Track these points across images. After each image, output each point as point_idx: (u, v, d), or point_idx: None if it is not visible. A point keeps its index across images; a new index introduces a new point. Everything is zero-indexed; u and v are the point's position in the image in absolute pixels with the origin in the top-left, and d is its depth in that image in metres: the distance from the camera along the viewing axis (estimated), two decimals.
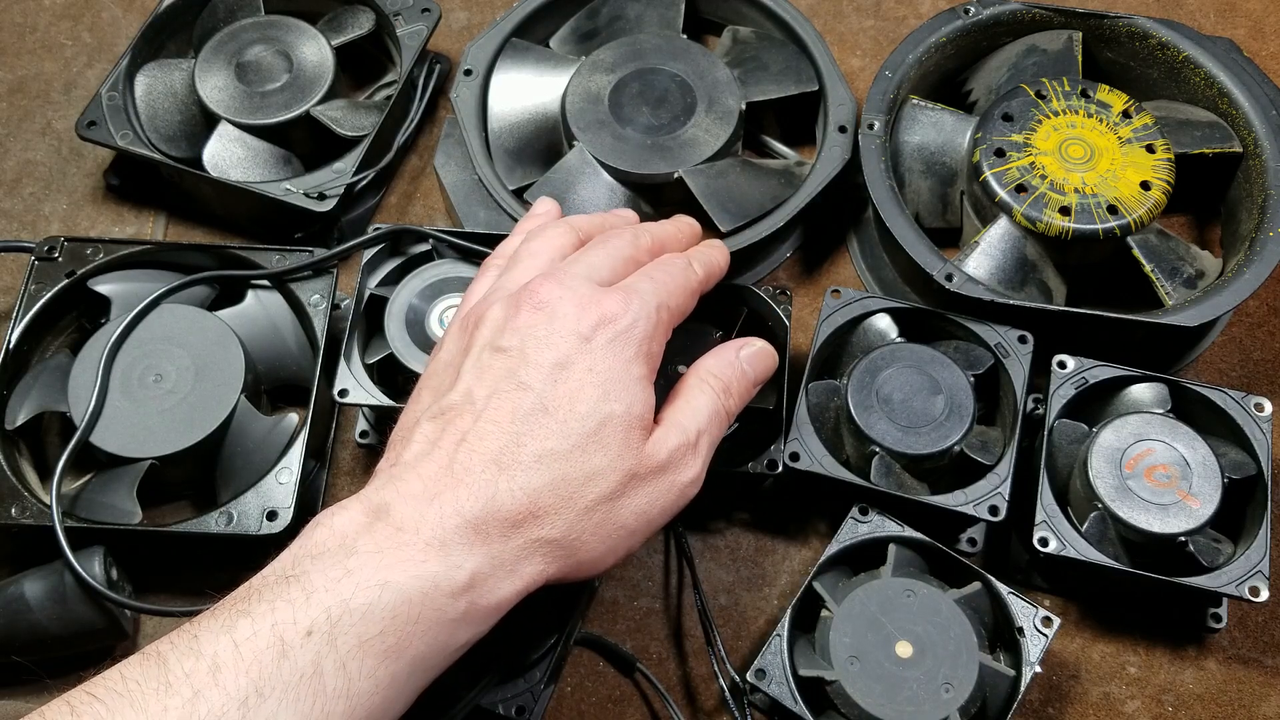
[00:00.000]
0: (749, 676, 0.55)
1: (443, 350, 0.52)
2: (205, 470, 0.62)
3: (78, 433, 0.58)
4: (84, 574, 0.56)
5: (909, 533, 0.58)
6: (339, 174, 0.70)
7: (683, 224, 0.59)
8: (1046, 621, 0.55)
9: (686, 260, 0.54)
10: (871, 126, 0.69)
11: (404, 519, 0.44)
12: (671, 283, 0.52)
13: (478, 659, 0.51)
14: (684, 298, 0.53)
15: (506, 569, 0.45)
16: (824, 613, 0.57)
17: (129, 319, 0.62)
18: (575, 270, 0.51)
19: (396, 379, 0.63)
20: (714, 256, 0.57)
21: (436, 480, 0.45)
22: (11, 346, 0.62)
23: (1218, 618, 0.61)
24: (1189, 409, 0.61)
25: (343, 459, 0.67)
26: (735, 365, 0.54)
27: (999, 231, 0.66)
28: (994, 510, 0.58)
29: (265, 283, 0.66)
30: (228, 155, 0.71)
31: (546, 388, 0.47)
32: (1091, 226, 0.65)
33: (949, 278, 0.63)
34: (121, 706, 0.38)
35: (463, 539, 0.44)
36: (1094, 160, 0.67)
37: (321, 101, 0.72)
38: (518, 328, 0.48)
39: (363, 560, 0.42)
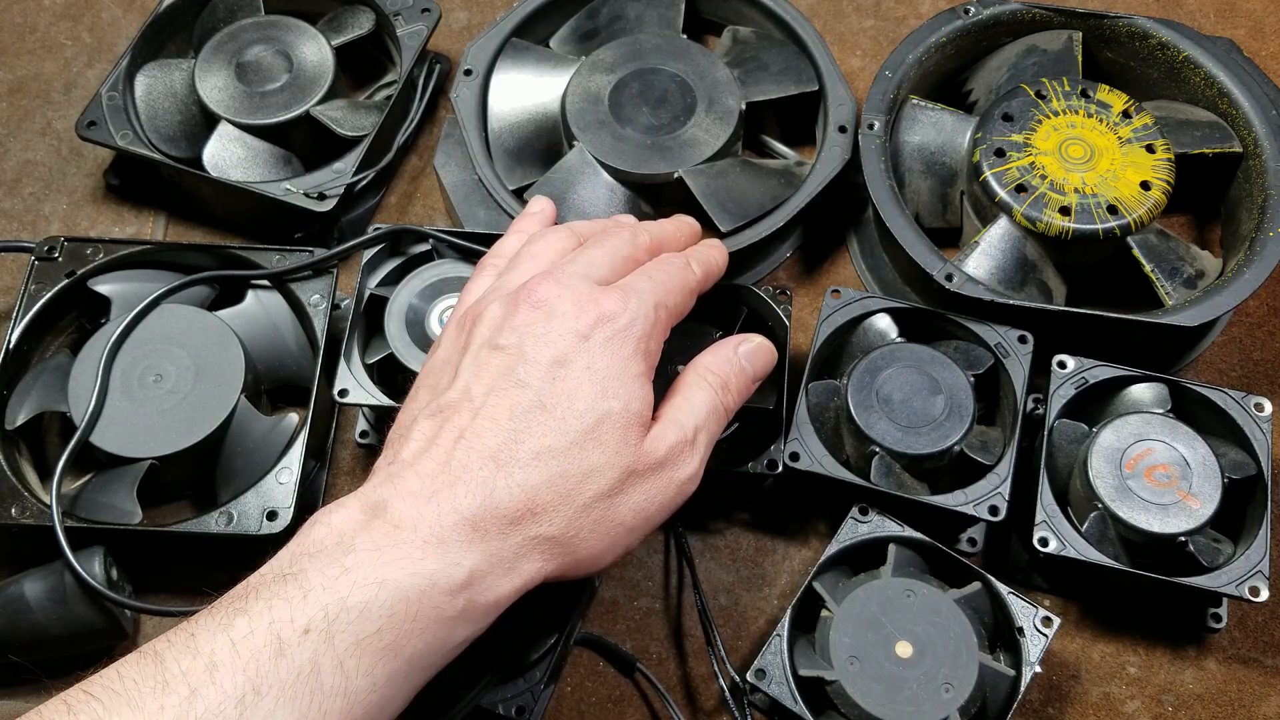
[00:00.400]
0: (749, 676, 0.55)
1: (440, 349, 0.52)
2: (205, 470, 0.62)
3: (78, 433, 0.58)
4: (84, 574, 0.56)
5: (909, 533, 0.58)
6: (339, 174, 0.70)
7: (682, 223, 0.59)
8: (1046, 621, 0.55)
9: (685, 260, 0.54)
10: (871, 126, 0.69)
11: (402, 516, 0.44)
12: (670, 282, 0.52)
13: (477, 659, 0.51)
14: (682, 297, 0.53)
15: (505, 566, 0.45)
16: (824, 613, 0.57)
17: (129, 319, 0.62)
18: (573, 269, 0.51)
19: (396, 379, 0.63)
20: (712, 256, 0.57)
21: (434, 477, 0.45)
22: (11, 346, 0.62)
23: (1218, 618, 0.61)
24: (1189, 409, 0.61)
25: (343, 459, 0.67)
26: (733, 361, 0.54)
27: (999, 231, 0.66)
28: (994, 510, 0.58)
29: (265, 282, 0.66)
30: (228, 155, 0.71)
31: (544, 385, 0.47)
32: (1091, 226, 0.65)
33: (949, 278, 0.63)
34: (118, 705, 0.38)
35: (461, 536, 0.44)
36: (1094, 160, 0.67)
37: (321, 101, 0.72)
38: (516, 326, 0.49)
39: (360, 558, 0.42)
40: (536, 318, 0.48)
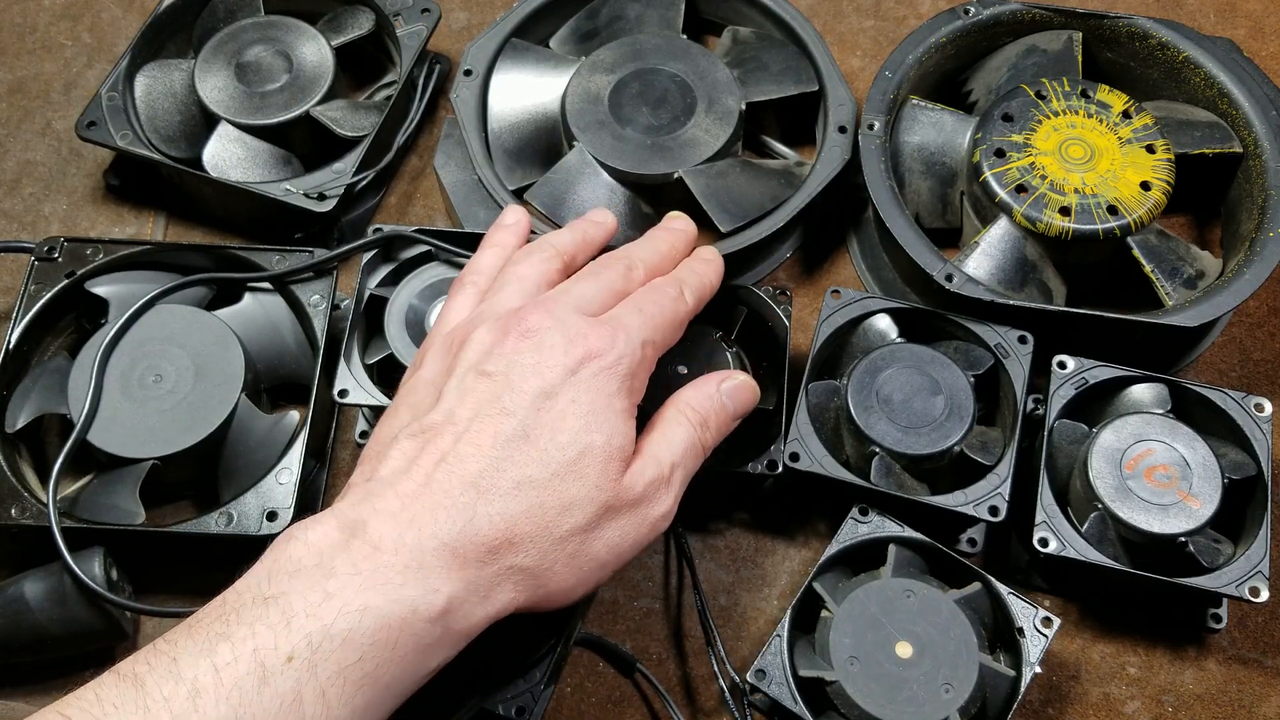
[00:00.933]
0: (749, 677, 0.55)
1: (423, 368, 0.52)
2: (207, 470, 0.62)
3: (73, 434, 0.58)
4: (82, 575, 0.55)
5: (909, 533, 0.58)
6: (339, 174, 0.70)
7: (677, 237, 0.58)
8: (1046, 622, 0.55)
9: (678, 289, 0.54)
10: (871, 127, 0.69)
11: (382, 538, 0.43)
12: (660, 316, 0.52)
13: (480, 661, 0.51)
14: (671, 330, 0.53)
15: (480, 595, 0.44)
16: (824, 613, 0.57)
17: (125, 318, 0.62)
18: (565, 300, 0.51)
19: (396, 379, 0.62)
20: (707, 277, 0.56)
21: (414, 499, 0.45)
22: (11, 347, 0.62)
23: (1218, 618, 0.61)
24: (1189, 409, 0.61)
25: (343, 459, 0.67)
26: (715, 398, 0.53)
27: (999, 232, 0.66)
28: (994, 510, 0.58)
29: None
30: (227, 155, 0.71)
31: (529, 415, 0.47)
32: (1091, 227, 0.65)
33: (949, 278, 0.63)
34: None
35: (440, 562, 0.43)
36: (1094, 160, 0.67)
37: (321, 102, 0.72)
38: (504, 353, 0.48)
39: (342, 583, 0.42)
40: (525, 347, 0.48)
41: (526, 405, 0.47)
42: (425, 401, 0.49)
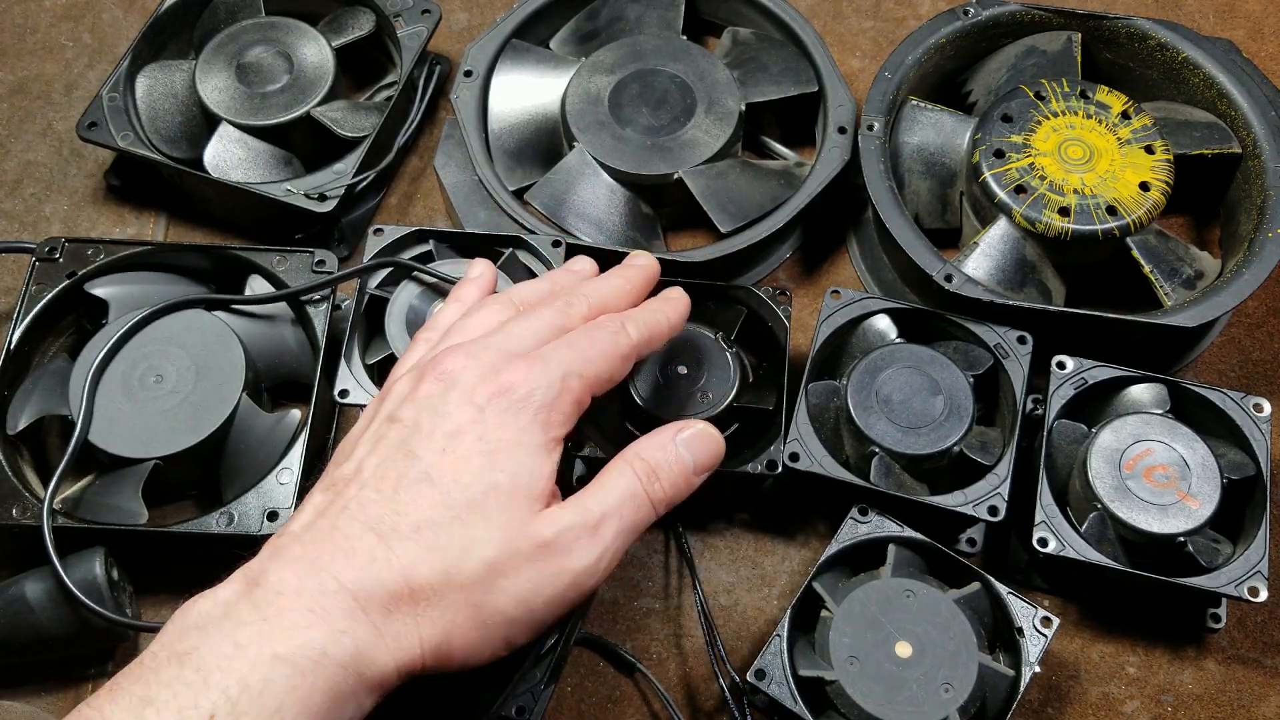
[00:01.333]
0: (749, 677, 0.55)
1: (356, 426, 0.51)
2: (209, 469, 0.62)
3: (71, 444, 0.58)
4: (72, 587, 0.55)
5: (909, 533, 0.58)
6: (339, 175, 0.70)
7: (636, 273, 0.55)
8: (1046, 622, 0.55)
9: (620, 324, 0.51)
10: (871, 127, 0.69)
11: (284, 583, 0.42)
12: (592, 350, 0.49)
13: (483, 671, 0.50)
14: (608, 364, 0.49)
15: (387, 644, 0.43)
16: (824, 613, 0.57)
17: (127, 327, 0.61)
18: (490, 342, 0.49)
19: None
20: (661, 314, 0.53)
21: (317, 545, 0.44)
22: (12, 348, 0.62)
23: (1217, 618, 0.62)
24: (1188, 409, 0.61)
25: None
26: (668, 449, 0.49)
27: (998, 232, 0.66)
28: (993, 510, 0.58)
29: (260, 278, 0.66)
30: (228, 156, 0.71)
31: (434, 457, 0.45)
32: (1090, 227, 0.65)
33: (948, 278, 0.63)
34: None
35: (342, 605, 0.42)
36: (1093, 161, 0.67)
37: (322, 103, 0.72)
38: (417, 398, 0.47)
39: (250, 632, 0.41)
40: (437, 390, 0.47)
41: (433, 448, 0.46)
42: (343, 457, 0.49)
